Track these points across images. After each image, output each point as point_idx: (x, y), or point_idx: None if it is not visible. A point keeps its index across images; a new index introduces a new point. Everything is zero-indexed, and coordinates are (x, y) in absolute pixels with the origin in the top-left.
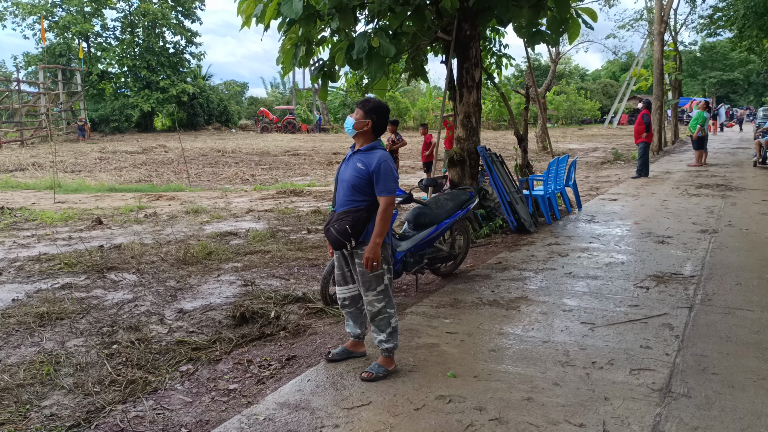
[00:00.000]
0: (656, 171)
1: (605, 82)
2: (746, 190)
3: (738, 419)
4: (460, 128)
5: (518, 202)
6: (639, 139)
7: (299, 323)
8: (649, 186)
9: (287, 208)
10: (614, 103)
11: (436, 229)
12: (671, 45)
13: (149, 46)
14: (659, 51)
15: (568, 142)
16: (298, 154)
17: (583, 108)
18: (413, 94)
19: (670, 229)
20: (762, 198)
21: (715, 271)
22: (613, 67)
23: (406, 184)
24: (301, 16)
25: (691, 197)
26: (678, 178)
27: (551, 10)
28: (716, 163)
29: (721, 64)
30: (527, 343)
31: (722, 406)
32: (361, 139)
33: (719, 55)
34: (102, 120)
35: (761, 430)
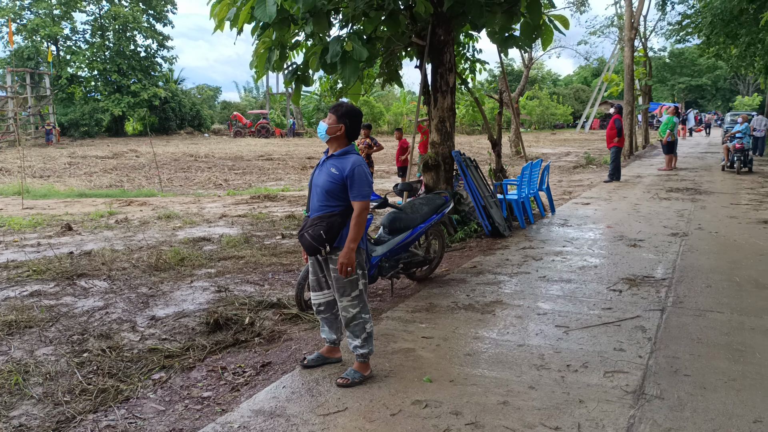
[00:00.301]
0: (628, 175)
1: (577, 87)
2: (715, 193)
3: (710, 420)
4: (435, 133)
5: (492, 207)
6: (611, 143)
7: (274, 329)
8: (620, 190)
9: (261, 213)
10: (586, 108)
11: (412, 233)
12: (641, 51)
13: (120, 50)
14: (630, 57)
15: (541, 147)
16: (271, 159)
17: (555, 113)
18: (388, 98)
19: (641, 233)
20: (730, 202)
21: (685, 273)
22: (584, 73)
23: (381, 189)
24: (274, 20)
25: (662, 201)
26: (649, 182)
27: (524, 16)
28: (686, 168)
29: (689, 69)
30: (503, 347)
31: (694, 408)
32: (335, 144)
33: (688, 61)
34: (71, 124)
35: (732, 430)
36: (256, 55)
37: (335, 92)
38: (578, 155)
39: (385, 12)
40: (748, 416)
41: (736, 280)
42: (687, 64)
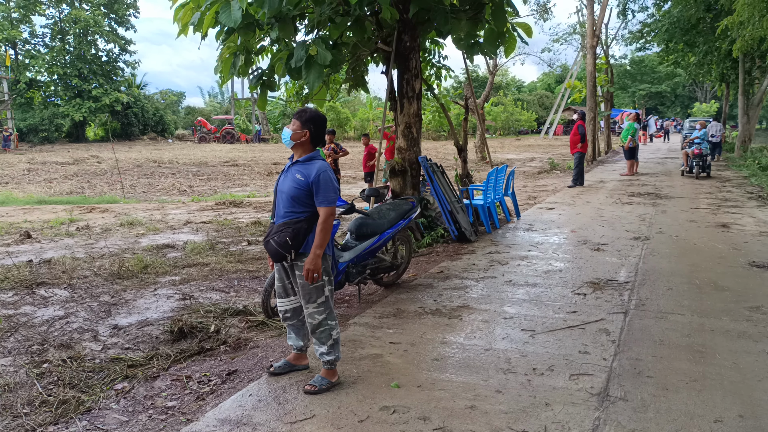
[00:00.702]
0: (591, 180)
1: (541, 93)
2: (675, 198)
3: (672, 420)
4: (402, 138)
5: (459, 212)
6: (574, 149)
7: (240, 337)
8: (584, 195)
9: (226, 220)
10: (550, 114)
11: (379, 239)
12: (603, 58)
13: (81, 54)
14: (592, 64)
15: (506, 153)
16: (237, 165)
17: (520, 119)
18: (354, 104)
19: (604, 237)
20: (690, 206)
21: (647, 276)
22: (548, 79)
23: (348, 195)
24: (240, 25)
25: (624, 205)
26: (611, 187)
27: (488, 23)
28: (647, 173)
29: (649, 77)
30: (470, 352)
31: (657, 408)
32: (300, 150)
33: (648, 68)
34: (30, 130)
35: (694, 430)
36: (221, 60)
37: (301, 98)
38: (542, 161)
39: (351, 18)
40: (709, 416)
41: (696, 282)
42: (647, 72)
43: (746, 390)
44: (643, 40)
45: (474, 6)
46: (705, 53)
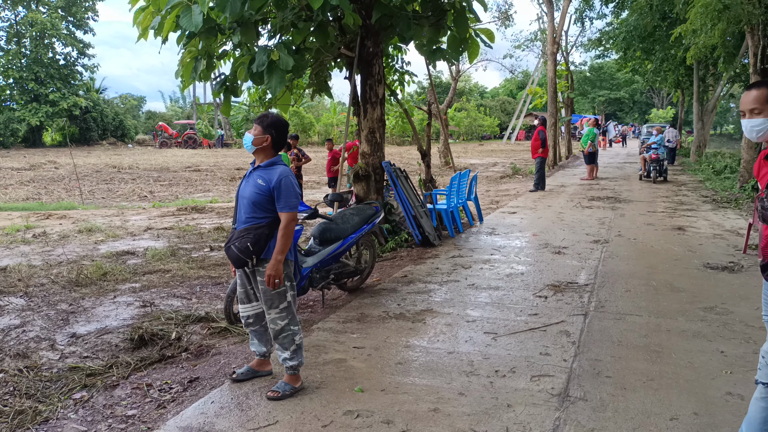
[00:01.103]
0: (552, 185)
1: (503, 99)
2: (633, 202)
3: (630, 419)
4: (365, 143)
5: (423, 216)
6: (535, 154)
7: (202, 344)
8: (545, 199)
9: (188, 226)
10: (512, 120)
11: (342, 244)
12: (563, 65)
13: (37, 57)
14: (552, 70)
15: (469, 158)
16: (199, 170)
17: (483, 124)
18: (318, 109)
19: (565, 240)
20: (647, 209)
21: (606, 279)
22: (510, 85)
23: (311, 200)
24: (201, 29)
25: (584, 209)
26: (572, 191)
27: (451, 30)
28: (606, 177)
29: (608, 83)
30: (433, 355)
31: (615, 408)
32: (261, 155)
33: (607, 75)
34: None
35: (651, 428)
36: (182, 65)
37: (264, 103)
38: (505, 166)
39: (313, 23)
40: (665, 414)
41: (653, 284)
42: (606, 78)
43: (701, 388)
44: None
45: (436, 12)
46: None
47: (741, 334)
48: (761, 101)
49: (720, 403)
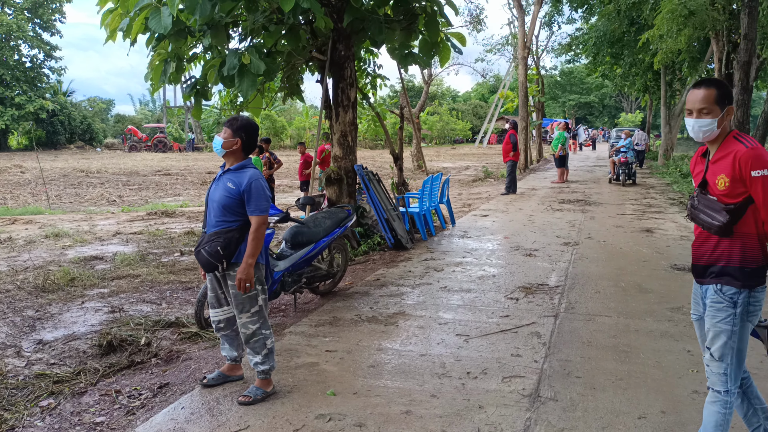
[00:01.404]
0: (523, 188)
1: (475, 103)
2: (603, 204)
3: (599, 418)
4: (337, 147)
5: (395, 220)
6: (507, 157)
7: (172, 349)
8: (517, 202)
9: (158, 230)
10: (484, 124)
11: (315, 247)
12: (534, 69)
13: (3, 60)
14: (523, 74)
15: (441, 161)
16: (169, 174)
17: (455, 128)
18: (290, 112)
19: (536, 243)
20: (616, 212)
21: (577, 280)
22: (482, 89)
23: (283, 203)
24: (170, 31)
25: (555, 212)
26: (543, 194)
27: (423, 34)
28: (576, 180)
29: (578, 87)
30: (405, 357)
31: (585, 407)
32: (231, 159)
33: (577, 79)
34: None
35: (619, 427)
36: (152, 68)
37: (236, 106)
38: (477, 169)
39: (285, 26)
40: (634, 413)
41: (622, 285)
42: (576, 83)
43: (668, 387)
44: (572, 52)
45: (407, 16)
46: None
47: None
48: (710, 101)
49: (687, 401)
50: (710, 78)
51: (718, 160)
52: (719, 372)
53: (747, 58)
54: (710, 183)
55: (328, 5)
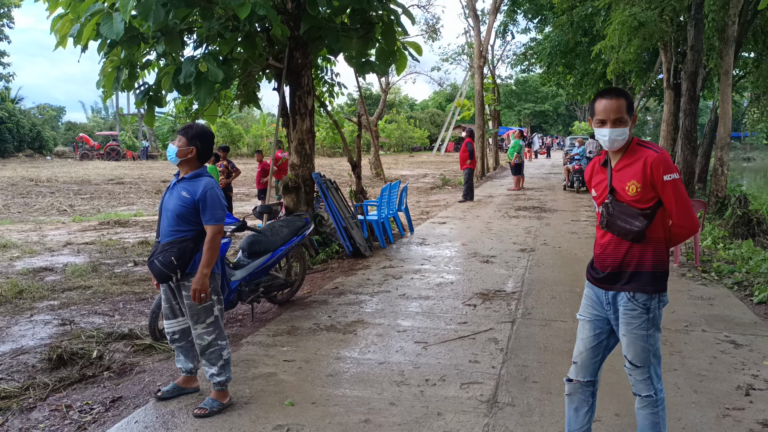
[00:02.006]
0: (480, 195)
1: (432, 111)
2: (558, 211)
3: (555, 422)
4: (295, 155)
5: (353, 227)
6: (464, 165)
7: (125, 362)
8: (474, 209)
9: (111, 240)
10: (441, 132)
11: (272, 256)
12: (490, 78)
13: None
14: (479, 83)
15: (399, 169)
16: (123, 183)
17: (413, 136)
18: (247, 120)
19: (493, 249)
20: (571, 218)
21: (533, 286)
22: (439, 98)
23: (240, 212)
24: (123, 37)
25: (512, 219)
26: (499, 201)
27: (380, 42)
28: (532, 188)
29: (533, 96)
30: (364, 366)
31: (542, 412)
32: (186, 167)
33: (532, 88)
34: None
35: None
36: (104, 74)
37: (191, 113)
38: (435, 177)
39: (241, 34)
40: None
41: (577, 290)
42: (531, 91)
43: (621, 390)
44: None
45: (364, 25)
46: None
47: None
48: (624, 110)
49: None
50: (615, 88)
51: (625, 167)
52: (642, 378)
53: (694, 69)
54: (618, 190)
55: (285, 13)
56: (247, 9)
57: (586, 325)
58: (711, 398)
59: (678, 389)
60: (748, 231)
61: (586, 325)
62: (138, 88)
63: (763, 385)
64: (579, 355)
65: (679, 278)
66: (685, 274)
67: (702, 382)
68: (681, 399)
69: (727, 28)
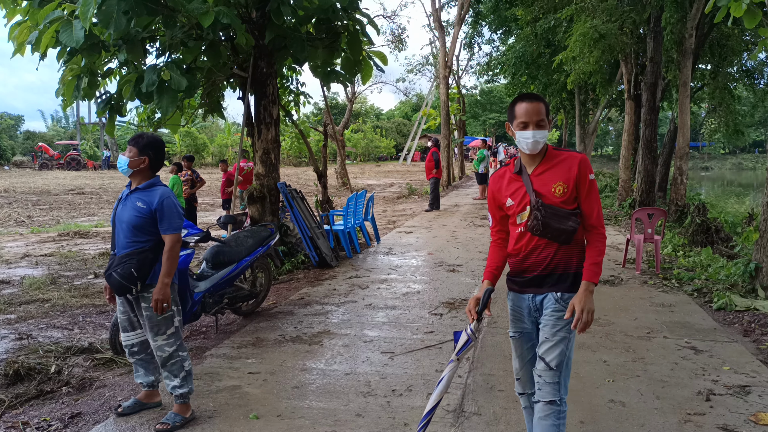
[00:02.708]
0: (446, 204)
1: (398, 121)
2: None
3: (521, 431)
4: (260, 164)
5: (319, 237)
6: (430, 175)
7: (85, 376)
8: (440, 218)
9: (71, 252)
10: (407, 141)
11: (237, 267)
12: (455, 88)
13: None
14: (445, 93)
15: (366, 178)
16: (83, 193)
17: (379, 145)
18: (211, 129)
19: (459, 258)
20: None
21: (498, 294)
22: (405, 108)
23: (204, 222)
24: (83, 45)
25: (477, 228)
26: (465, 210)
27: (345, 52)
28: None
29: (498, 106)
30: (330, 377)
31: (508, 420)
32: (139, 177)
33: (496, 98)
34: None
35: None
36: (63, 83)
37: (153, 122)
38: (401, 186)
39: (205, 42)
40: None
41: None
42: (496, 101)
43: (586, 397)
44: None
45: (330, 35)
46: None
47: (621, 344)
48: (544, 113)
49: (604, 410)
50: (531, 93)
51: (546, 171)
52: (553, 381)
53: (653, 80)
54: (544, 193)
55: (250, 22)
56: (210, 17)
57: (518, 341)
58: (673, 404)
59: (641, 395)
60: (706, 239)
61: (518, 342)
62: (99, 96)
63: (722, 390)
64: (519, 371)
65: (641, 286)
66: (646, 281)
67: (664, 388)
68: (644, 405)
69: (684, 41)
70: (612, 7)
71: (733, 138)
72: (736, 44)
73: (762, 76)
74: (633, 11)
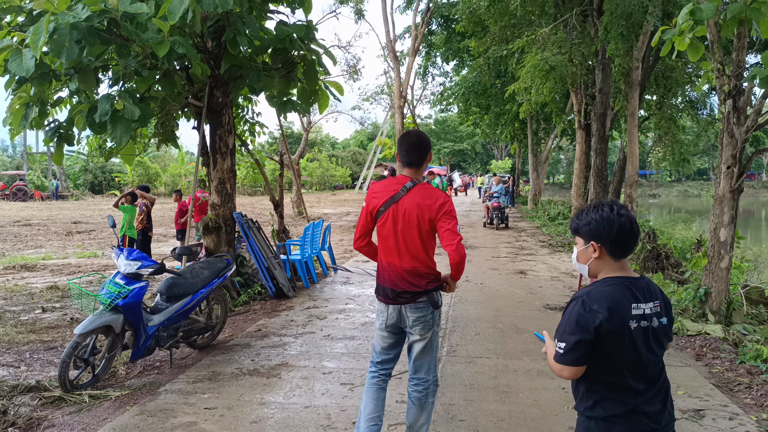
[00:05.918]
0: None
1: (354, 150)
2: (479, 248)
3: None
4: (215, 194)
5: (276, 268)
6: None
7: (32, 416)
8: None
9: (17, 286)
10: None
11: (192, 299)
12: (410, 117)
13: None
14: (400, 122)
15: (322, 207)
16: (30, 225)
17: (335, 174)
18: (164, 159)
19: None
20: (492, 254)
21: (457, 323)
22: (360, 137)
23: (158, 254)
24: (33, 74)
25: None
26: None
27: (301, 82)
28: None
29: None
30: (289, 411)
31: None
32: None
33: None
34: None
35: None
36: (11, 111)
37: (104, 152)
38: (357, 215)
39: (159, 71)
40: None
41: (500, 326)
42: (450, 131)
43: (546, 424)
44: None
45: (286, 65)
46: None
47: None
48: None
49: None
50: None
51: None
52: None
53: (603, 110)
54: None
55: (205, 51)
56: (165, 47)
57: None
58: None
59: None
60: (657, 264)
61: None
62: (48, 125)
63: (678, 415)
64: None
65: None
66: None
67: None
68: None
69: (631, 73)
70: (561, 39)
71: (679, 166)
72: (680, 76)
73: (705, 106)
74: (582, 44)
